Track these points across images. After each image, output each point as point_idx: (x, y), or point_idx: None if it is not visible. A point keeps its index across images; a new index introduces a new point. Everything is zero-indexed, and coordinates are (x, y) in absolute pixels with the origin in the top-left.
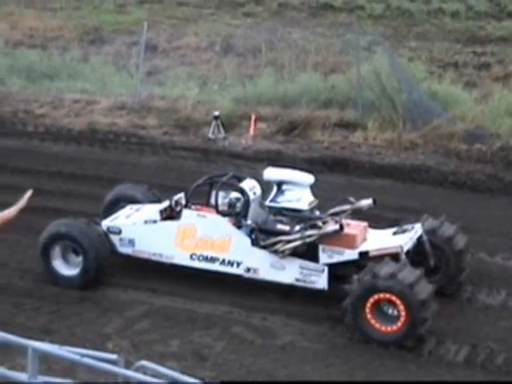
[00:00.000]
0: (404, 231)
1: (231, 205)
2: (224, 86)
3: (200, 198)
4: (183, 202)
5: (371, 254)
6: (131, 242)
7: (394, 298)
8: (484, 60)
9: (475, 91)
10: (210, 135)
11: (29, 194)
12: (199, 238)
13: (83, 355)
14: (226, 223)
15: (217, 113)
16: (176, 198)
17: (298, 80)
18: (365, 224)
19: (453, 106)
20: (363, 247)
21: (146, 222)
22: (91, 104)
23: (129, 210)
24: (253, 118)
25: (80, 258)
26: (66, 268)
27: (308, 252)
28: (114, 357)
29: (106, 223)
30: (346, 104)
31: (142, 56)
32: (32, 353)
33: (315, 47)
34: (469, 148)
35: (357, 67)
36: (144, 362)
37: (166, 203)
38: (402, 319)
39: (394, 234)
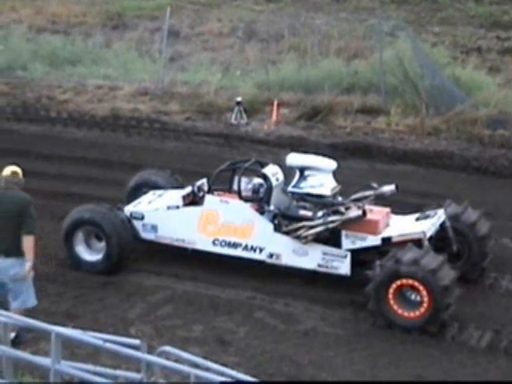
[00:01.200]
0: (427, 217)
1: (254, 190)
2: (246, 72)
3: (222, 184)
4: (206, 187)
5: (394, 239)
6: (154, 228)
7: (416, 283)
8: (508, 45)
9: (498, 76)
10: (233, 121)
11: None
12: (222, 223)
13: (106, 340)
14: (248, 209)
15: (239, 98)
16: (198, 183)
17: (321, 65)
18: (387, 210)
19: (476, 92)
20: (386, 233)
21: (168, 207)
22: (114, 90)
23: (151, 195)
24: (275, 103)
25: (103, 244)
26: (89, 253)
27: (331, 238)
28: (136, 342)
29: (128, 209)
30: (369, 89)
31: (165, 42)
32: (55, 338)
33: (338, 32)
34: (492, 133)
35: (380, 52)
36: (166, 348)
37: (188, 189)
38: (425, 305)
39: (417, 219)
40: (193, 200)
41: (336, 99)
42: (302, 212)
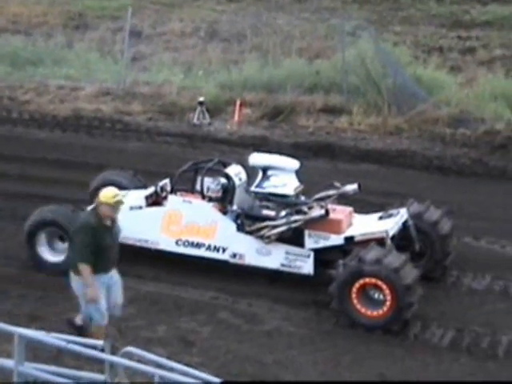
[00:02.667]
0: (389, 216)
1: (216, 191)
2: (209, 72)
3: (185, 184)
4: (168, 188)
5: (357, 239)
6: None
7: (379, 282)
8: (469, 44)
9: (460, 76)
10: (195, 121)
11: None
12: (185, 223)
13: (69, 341)
14: (211, 209)
15: (202, 98)
16: (161, 184)
17: (283, 65)
18: (350, 209)
19: (438, 91)
20: (349, 232)
21: (131, 208)
22: (76, 90)
23: None
24: (238, 103)
25: (66, 245)
26: (52, 254)
27: (294, 237)
28: (100, 343)
29: None
30: (331, 89)
31: (127, 42)
32: (18, 340)
33: (300, 32)
34: (454, 132)
35: (342, 52)
36: (130, 348)
37: (151, 189)
38: (388, 304)
39: (380, 218)
40: (156, 200)
41: (298, 99)
42: (265, 212)
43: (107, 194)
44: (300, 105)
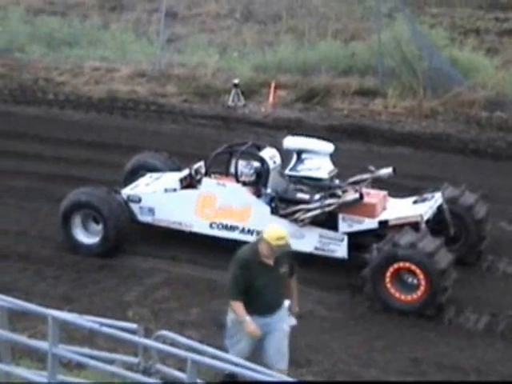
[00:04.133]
0: (424, 200)
1: (251, 173)
2: (244, 54)
3: (220, 167)
4: (203, 170)
5: (391, 223)
6: (151, 211)
7: (413, 267)
8: (506, 26)
9: (496, 58)
10: (230, 103)
11: None
12: (219, 206)
13: (103, 324)
14: (245, 192)
15: (236, 80)
16: (196, 166)
17: (318, 47)
18: (384, 193)
19: (474, 74)
20: (383, 216)
21: (165, 190)
22: (111, 72)
23: (149, 178)
24: (272, 85)
25: (100, 227)
26: (87, 236)
27: (327, 221)
28: (133, 326)
29: (126, 192)
30: (366, 71)
31: (163, 23)
32: (52, 322)
33: (336, 14)
34: (489, 115)
35: (377, 34)
36: (163, 332)
37: (185, 172)
38: (422, 288)
39: (414, 202)
40: (190, 183)
41: (333, 81)
42: (299, 195)
43: (273, 233)
44: (335, 87)
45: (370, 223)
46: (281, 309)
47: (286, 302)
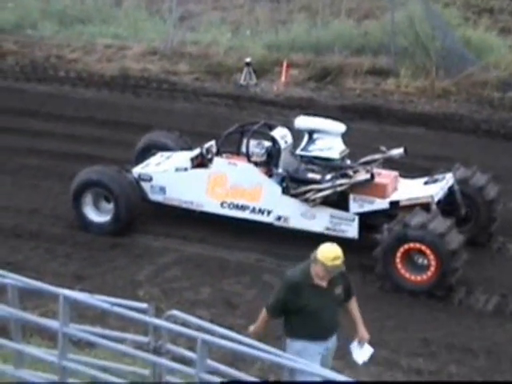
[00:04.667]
0: (435, 181)
1: (262, 153)
2: (256, 32)
3: (231, 146)
4: (214, 149)
5: (402, 203)
6: (162, 190)
7: (424, 247)
8: None
9: (510, 38)
10: (242, 81)
11: None
12: (230, 186)
13: (114, 304)
14: (256, 171)
15: (249, 59)
16: (207, 145)
17: (331, 26)
18: (396, 173)
19: (487, 54)
20: (394, 197)
21: (176, 169)
22: (123, 49)
23: (160, 157)
24: (285, 64)
25: (111, 205)
26: (98, 215)
27: (339, 201)
28: (144, 306)
29: (137, 170)
30: (379, 51)
31: (175, 0)
32: (63, 301)
33: None
34: (502, 96)
35: (391, 13)
36: (174, 312)
37: (197, 151)
38: (433, 269)
39: (425, 183)
40: (201, 162)
41: (346, 60)
42: (311, 175)
43: (328, 253)
44: (347, 66)
45: (381, 204)
46: (337, 331)
47: (355, 342)
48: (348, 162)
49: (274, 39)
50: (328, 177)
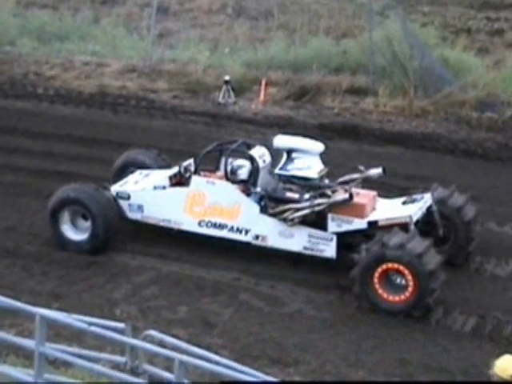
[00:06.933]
0: (413, 201)
1: (241, 172)
2: (235, 50)
3: (209, 165)
4: (192, 168)
5: (380, 223)
6: (140, 208)
7: (402, 267)
8: (497, 26)
9: (487, 58)
10: (220, 100)
11: None
12: (208, 204)
13: (90, 323)
14: (235, 190)
15: (227, 77)
16: (185, 164)
17: (310, 45)
18: (374, 193)
19: (465, 73)
20: (372, 217)
21: (155, 187)
22: (101, 66)
23: (138, 175)
24: (263, 82)
25: (89, 223)
26: (75, 233)
27: (317, 220)
28: (121, 325)
29: (115, 188)
30: (358, 70)
31: (154, 18)
32: (40, 320)
33: (328, 11)
34: (480, 116)
35: (369, 32)
36: (151, 332)
37: (175, 169)
38: (410, 289)
39: (404, 203)
40: (179, 180)
41: (324, 79)
42: (289, 194)
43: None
44: (326, 85)
45: (360, 223)
46: None
47: None
48: (326, 181)
49: (252, 57)
50: (306, 196)
